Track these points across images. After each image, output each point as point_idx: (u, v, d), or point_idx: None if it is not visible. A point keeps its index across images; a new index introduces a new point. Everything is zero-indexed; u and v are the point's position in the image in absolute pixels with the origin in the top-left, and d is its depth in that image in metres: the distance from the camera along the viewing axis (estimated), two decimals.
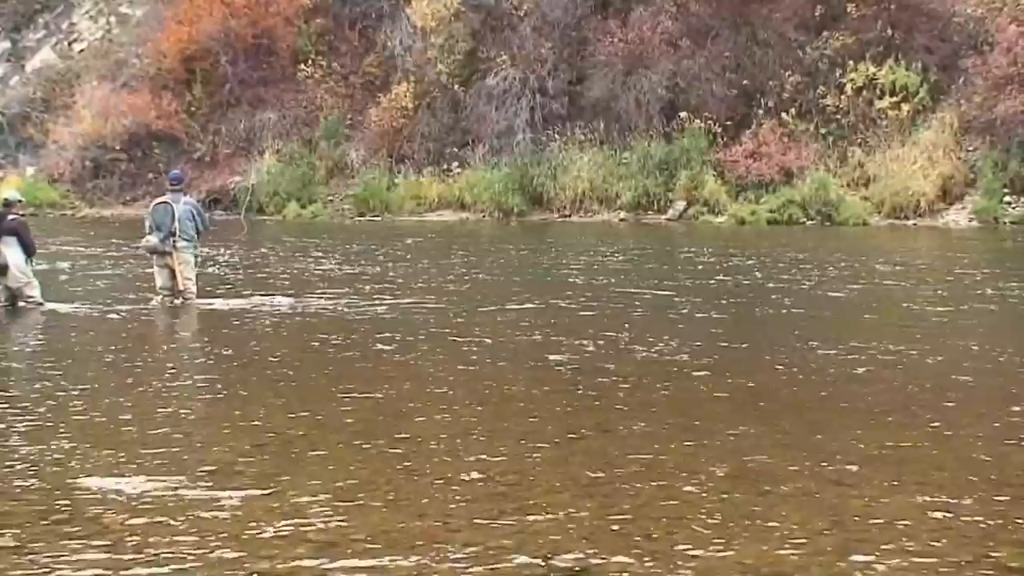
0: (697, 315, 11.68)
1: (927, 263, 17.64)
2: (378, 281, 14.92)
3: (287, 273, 16.45)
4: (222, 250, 19.64)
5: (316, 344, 9.99)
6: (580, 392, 7.73)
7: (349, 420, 6.88)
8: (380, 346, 9.81)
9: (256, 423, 6.78)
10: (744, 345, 9.77)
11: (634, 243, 22.44)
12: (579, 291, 13.63)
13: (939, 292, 13.49)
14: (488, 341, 9.95)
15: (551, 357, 9.00)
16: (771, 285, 14.25)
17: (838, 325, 11.22)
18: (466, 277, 15.85)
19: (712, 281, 14.85)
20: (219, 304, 12.76)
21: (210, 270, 16.52)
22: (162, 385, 8.14)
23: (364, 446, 6.20)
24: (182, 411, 7.27)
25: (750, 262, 17.42)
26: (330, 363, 9.11)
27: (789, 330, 10.73)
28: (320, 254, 19.88)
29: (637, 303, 12.76)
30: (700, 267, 16.96)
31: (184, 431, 6.67)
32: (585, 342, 9.70)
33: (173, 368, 9.10)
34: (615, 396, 7.56)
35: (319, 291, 13.74)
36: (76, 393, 7.75)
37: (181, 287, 12.54)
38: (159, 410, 7.18)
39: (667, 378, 8.16)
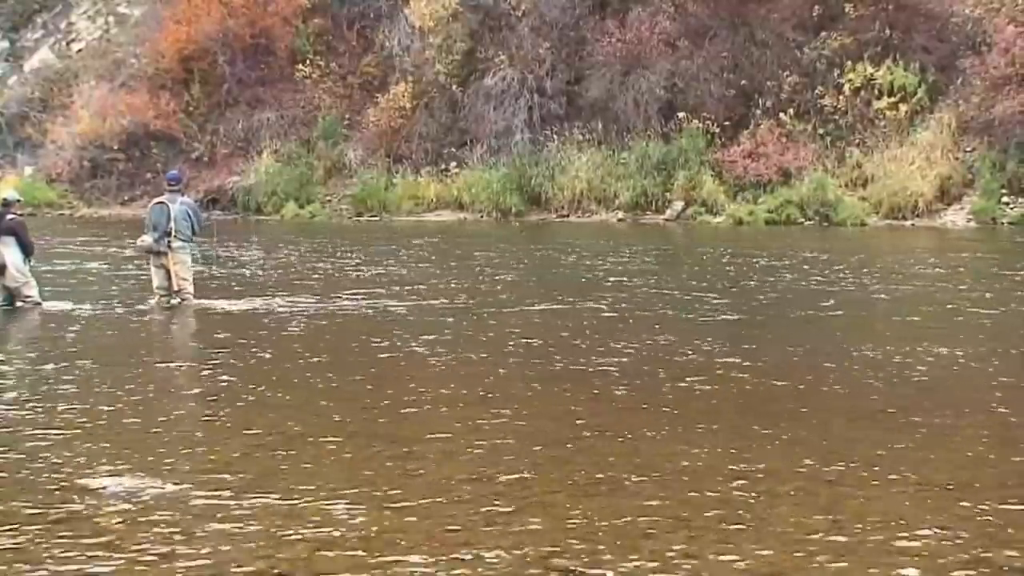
0: (738, 317, 11.53)
1: (962, 264, 17.20)
2: (408, 282, 14.73)
3: (319, 273, 16.33)
4: (240, 251, 19.61)
5: (342, 345, 9.95)
6: (597, 393, 7.69)
7: (353, 420, 6.87)
8: (414, 347, 9.69)
9: (260, 423, 6.77)
10: (798, 348, 9.55)
11: (649, 243, 22.18)
12: (612, 292, 13.52)
13: (986, 295, 13.12)
14: (525, 342, 9.81)
15: (593, 359, 8.91)
16: (804, 285, 14.11)
17: (884, 327, 11.06)
18: (496, 277, 15.68)
19: (750, 282, 14.62)
20: (248, 304, 12.61)
21: (241, 271, 16.50)
22: (166, 385, 8.14)
23: (365, 446, 6.20)
24: (186, 412, 7.28)
25: (778, 263, 17.10)
26: (352, 364, 9.00)
27: (831, 332, 10.56)
28: (341, 254, 19.73)
29: (674, 304, 12.55)
30: (728, 267, 16.77)
31: (187, 431, 6.67)
32: (623, 344, 9.58)
33: (184, 367, 9.10)
34: (635, 398, 7.53)
35: (348, 292, 13.63)
36: (92, 396, 7.75)
37: (176, 287, 12.51)
38: (162, 411, 7.18)
39: (707, 382, 8.01)
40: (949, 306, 12.09)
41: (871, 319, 11.78)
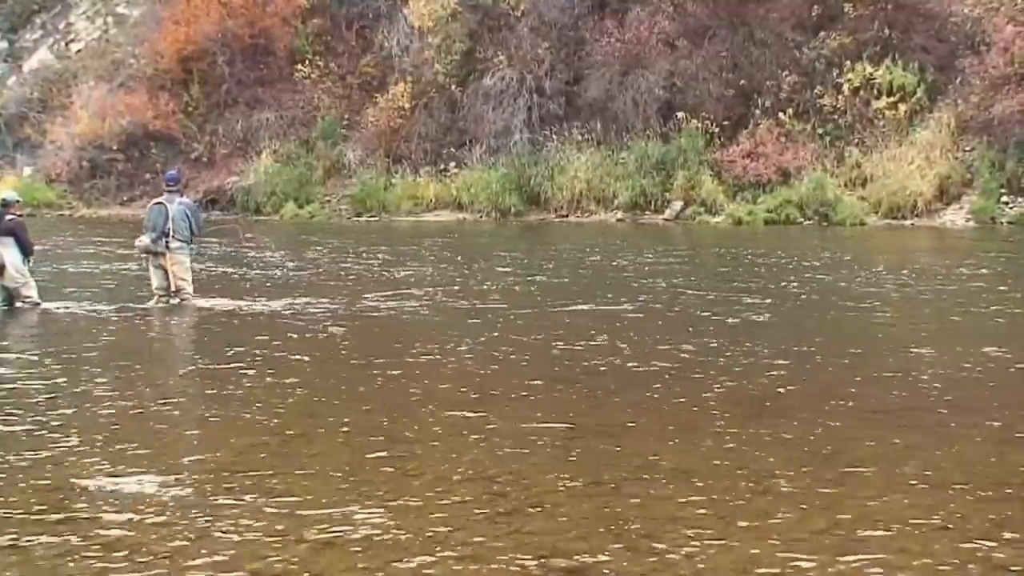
0: (779, 319, 11.33)
1: (999, 265, 16.93)
2: (438, 283, 14.56)
3: (353, 275, 16.20)
4: (268, 252, 19.58)
5: (379, 346, 9.84)
6: (619, 394, 7.68)
7: (357, 420, 6.87)
8: (447, 348, 9.55)
9: (264, 424, 6.76)
10: (856, 350, 9.31)
11: (661, 243, 21.98)
12: (648, 292, 13.35)
13: None
14: (559, 344, 9.67)
15: (627, 362, 8.84)
16: (845, 286, 13.87)
17: (932, 327, 10.87)
18: (529, 278, 15.47)
19: (792, 284, 14.29)
20: (279, 305, 12.45)
21: (274, 273, 16.45)
22: (185, 388, 8.15)
23: (368, 445, 6.20)
24: (188, 412, 7.27)
25: (805, 263, 16.75)
26: (379, 365, 8.81)
27: (875, 332, 10.38)
28: (366, 255, 19.53)
29: (713, 306, 12.19)
30: (759, 268, 16.43)
31: (190, 432, 6.66)
32: (668, 347, 9.40)
33: (189, 366, 9.10)
34: (651, 399, 7.48)
35: (380, 293, 13.47)
36: (122, 399, 7.76)
37: (175, 287, 12.52)
38: (172, 412, 7.17)
39: (751, 384, 7.83)
40: (995, 307, 11.84)
41: (918, 319, 11.50)
